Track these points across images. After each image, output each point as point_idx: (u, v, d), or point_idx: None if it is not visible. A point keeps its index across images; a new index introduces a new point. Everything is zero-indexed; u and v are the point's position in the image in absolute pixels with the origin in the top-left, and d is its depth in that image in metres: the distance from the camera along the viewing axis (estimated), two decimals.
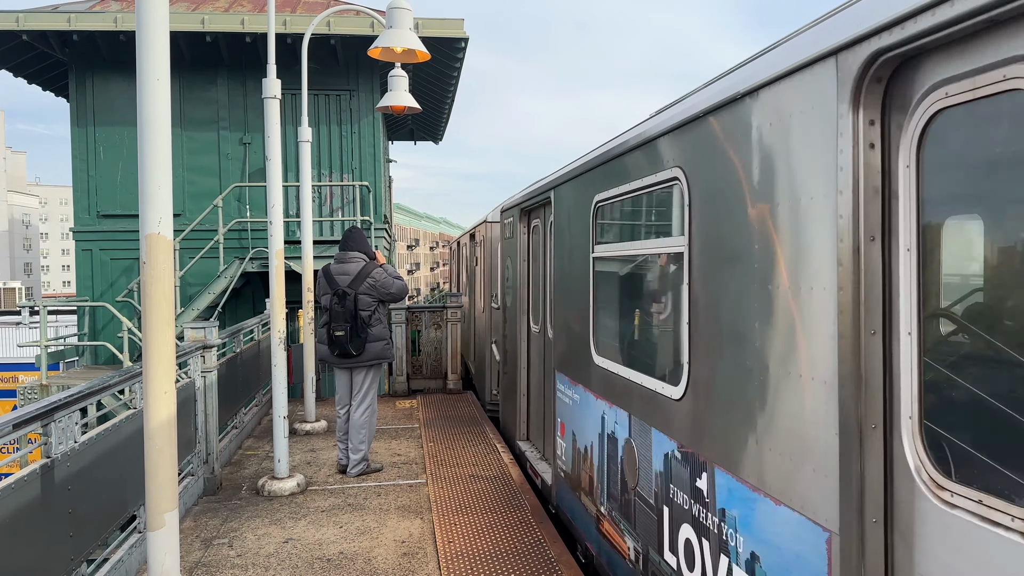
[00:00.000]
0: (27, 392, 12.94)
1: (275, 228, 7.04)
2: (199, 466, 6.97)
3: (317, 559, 5.50)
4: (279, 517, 6.38)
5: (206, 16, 13.33)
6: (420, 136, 21.49)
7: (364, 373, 7.36)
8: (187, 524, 6.21)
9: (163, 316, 3.53)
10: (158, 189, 3.48)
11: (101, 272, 14.23)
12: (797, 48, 2.67)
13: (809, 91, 2.55)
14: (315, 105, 14.25)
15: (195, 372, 6.95)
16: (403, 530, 6.06)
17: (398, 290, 7.37)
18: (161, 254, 3.50)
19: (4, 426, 3.60)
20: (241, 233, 14.04)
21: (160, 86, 3.46)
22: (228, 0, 15.05)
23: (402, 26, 6.93)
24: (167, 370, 3.58)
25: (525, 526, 6.13)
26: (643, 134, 4.18)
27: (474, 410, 10.95)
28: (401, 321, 12.46)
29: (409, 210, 64.66)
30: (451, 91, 16.67)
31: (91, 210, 14.10)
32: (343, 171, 14.57)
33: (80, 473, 4.33)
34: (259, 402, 10.24)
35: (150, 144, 3.47)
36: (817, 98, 2.50)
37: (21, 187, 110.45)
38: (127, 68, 13.61)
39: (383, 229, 15.35)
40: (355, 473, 7.46)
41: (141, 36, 3.41)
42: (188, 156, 14.07)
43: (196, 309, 13.21)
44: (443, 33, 13.78)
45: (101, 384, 4.85)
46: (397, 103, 8.83)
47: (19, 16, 13.09)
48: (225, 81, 14.30)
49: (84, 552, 4.38)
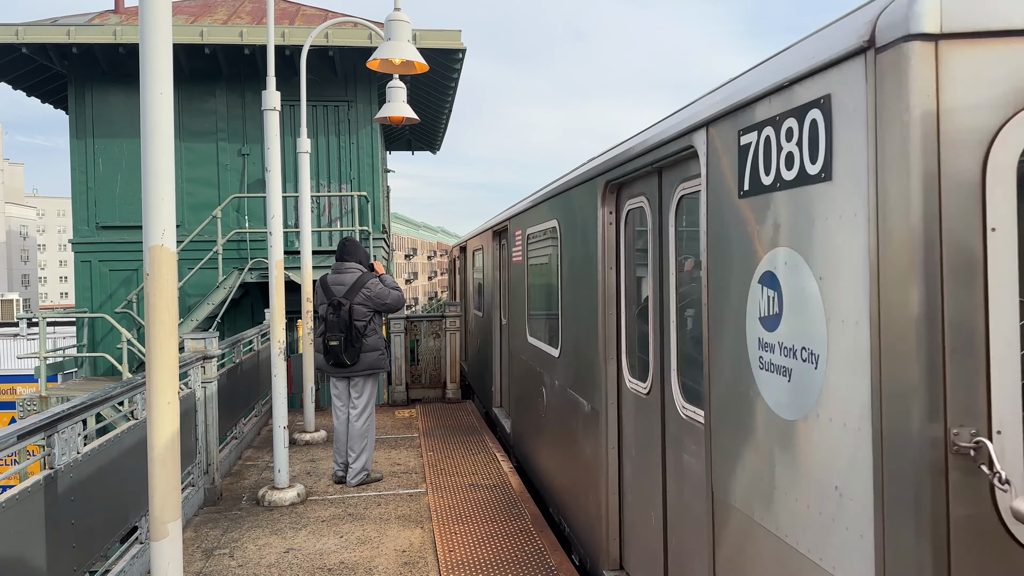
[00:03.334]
0: (26, 404, 12.92)
1: (275, 239, 7.07)
2: (199, 476, 6.98)
3: (318, 569, 5.51)
4: (280, 527, 6.39)
5: (205, 28, 13.40)
6: (418, 146, 21.56)
7: (361, 383, 7.38)
8: (188, 534, 6.21)
9: (166, 327, 3.56)
10: (161, 201, 3.52)
11: (100, 283, 14.24)
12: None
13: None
14: (313, 116, 14.31)
15: (195, 383, 6.98)
16: (404, 539, 6.07)
17: (394, 301, 7.38)
18: (164, 265, 3.53)
19: (9, 437, 3.62)
20: (240, 244, 14.08)
21: (163, 99, 3.50)
22: (227, 12, 15.13)
23: (400, 38, 6.98)
24: (170, 381, 3.60)
25: (525, 535, 6.14)
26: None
27: (473, 419, 10.95)
28: (400, 331, 12.48)
29: (407, 220, 64.67)
30: (449, 102, 16.75)
31: (90, 221, 14.13)
32: (341, 181, 14.62)
33: (82, 484, 4.35)
34: (258, 412, 10.25)
35: (153, 157, 3.51)
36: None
37: (19, 199, 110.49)
38: (126, 81, 13.68)
39: (381, 239, 15.39)
40: (355, 483, 7.47)
41: (145, 50, 3.46)
42: (187, 167, 14.12)
43: (195, 320, 13.23)
44: (441, 44, 13.86)
45: (104, 395, 4.88)
46: (395, 114, 8.88)
47: (19, 29, 13.15)
48: (224, 93, 14.36)
49: (87, 563, 4.40)
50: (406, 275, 59.69)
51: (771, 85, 2.62)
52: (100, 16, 14.71)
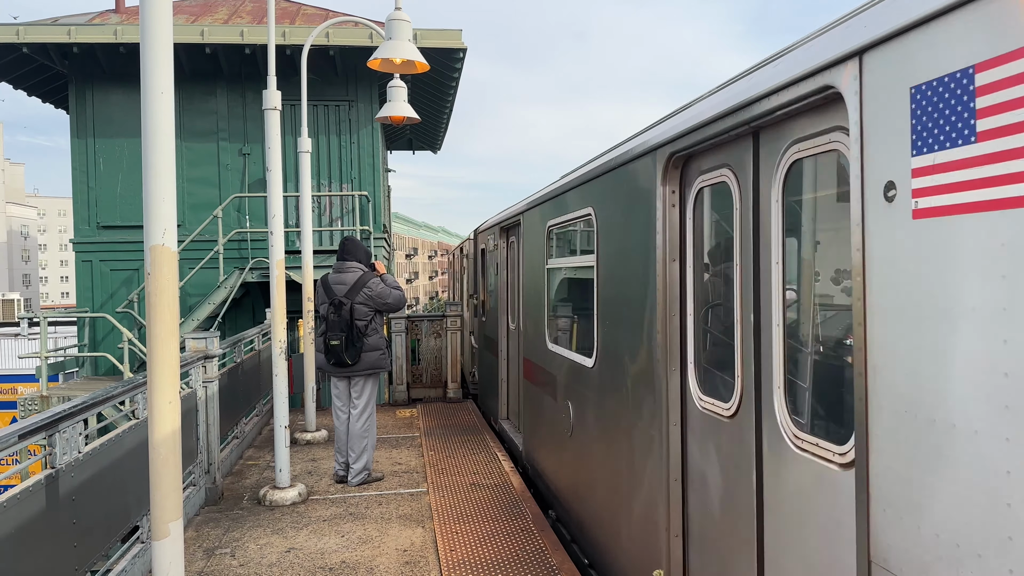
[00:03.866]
0: (27, 404, 12.93)
1: (276, 238, 7.07)
2: (201, 476, 6.98)
3: (319, 568, 5.51)
4: (281, 527, 6.39)
5: (206, 28, 13.40)
6: (418, 146, 21.55)
7: (361, 383, 7.38)
8: (189, 534, 6.22)
9: (167, 327, 3.56)
10: (162, 201, 3.52)
11: (101, 283, 14.24)
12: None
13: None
14: (314, 116, 14.31)
15: (196, 382, 6.98)
16: (405, 539, 6.07)
17: (395, 300, 7.37)
18: (165, 265, 3.53)
19: (10, 436, 3.62)
20: (240, 243, 14.08)
21: (164, 99, 3.49)
22: (228, 12, 15.12)
23: (401, 37, 6.98)
24: (171, 380, 3.60)
25: (526, 534, 6.14)
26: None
27: (474, 419, 10.95)
28: (401, 330, 12.48)
29: (408, 219, 64.63)
30: (449, 101, 16.74)
31: (91, 221, 14.14)
32: (342, 181, 14.62)
33: (84, 484, 4.35)
34: (259, 412, 10.25)
35: (154, 157, 3.51)
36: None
37: (20, 199, 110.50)
38: (127, 80, 13.68)
39: (382, 238, 15.39)
40: (356, 482, 7.47)
41: (145, 49, 3.45)
42: (188, 167, 14.12)
43: (196, 319, 13.23)
44: (441, 44, 13.85)
45: (105, 395, 4.88)
46: (396, 114, 8.88)
47: (19, 29, 13.15)
48: (224, 92, 14.35)
49: (88, 562, 4.40)
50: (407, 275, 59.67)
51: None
52: (101, 16, 14.71)
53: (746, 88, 3.08)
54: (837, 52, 2.43)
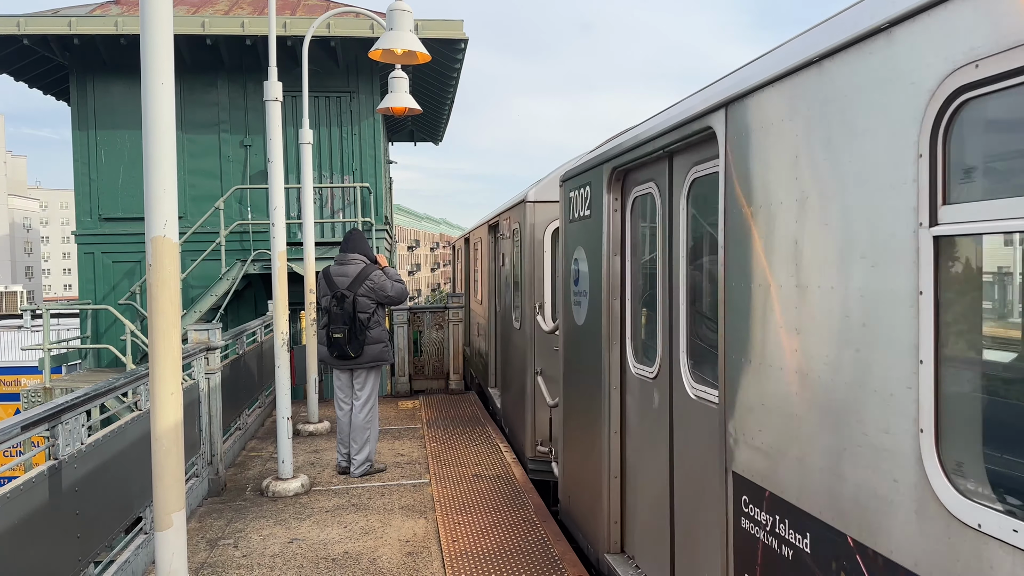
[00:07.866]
0: (30, 395, 12.98)
1: (277, 230, 7.07)
2: (203, 467, 7.00)
3: (322, 559, 5.53)
4: (284, 518, 6.42)
5: (206, 19, 13.36)
6: (420, 137, 21.52)
7: (364, 375, 7.39)
8: (192, 525, 6.24)
9: (169, 318, 3.56)
10: (163, 193, 3.51)
11: (103, 275, 14.26)
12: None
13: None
14: (315, 107, 14.27)
15: (199, 374, 6.98)
16: (407, 530, 6.09)
17: (397, 293, 7.37)
18: (167, 257, 3.53)
19: (13, 428, 3.63)
20: (242, 235, 14.08)
21: (165, 90, 3.49)
22: (228, 3, 15.08)
23: (402, 28, 6.96)
24: (174, 372, 3.61)
25: (529, 525, 6.16)
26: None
27: (476, 410, 10.98)
28: (403, 322, 12.49)
29: (409, 211, 64.63)
30: (451, 92, 16.70)
31: (93, 213, 14.14)
32: (344, 173, 14.60)
33: (87, 475, 4.37)
34: (262, 403, 10.27)
35: (155, 148, 3.50)
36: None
37: (22, 191, 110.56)
38: (128, 72, 13.65)
39: (384, 230, 15.38)
40: (359, 474, 7.49)
41: (145, 41, 3.44)
42: (189, 159, 14.10)
43: (198, 311, 13.25)
44: (443, 34, 13.81)
45: (108, 386, 4.89)
46: (397, 104, 8.86)
47: (20, 20, 13.11)
48: (225, 84, 14.33)
49: (91, 553, 4.42)
50: (409, 267, 59.69)
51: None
52: (101, 7, 14.66)
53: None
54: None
